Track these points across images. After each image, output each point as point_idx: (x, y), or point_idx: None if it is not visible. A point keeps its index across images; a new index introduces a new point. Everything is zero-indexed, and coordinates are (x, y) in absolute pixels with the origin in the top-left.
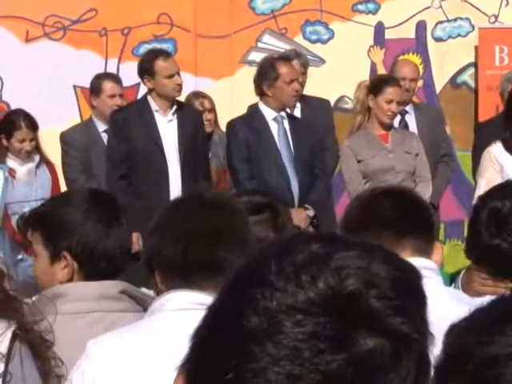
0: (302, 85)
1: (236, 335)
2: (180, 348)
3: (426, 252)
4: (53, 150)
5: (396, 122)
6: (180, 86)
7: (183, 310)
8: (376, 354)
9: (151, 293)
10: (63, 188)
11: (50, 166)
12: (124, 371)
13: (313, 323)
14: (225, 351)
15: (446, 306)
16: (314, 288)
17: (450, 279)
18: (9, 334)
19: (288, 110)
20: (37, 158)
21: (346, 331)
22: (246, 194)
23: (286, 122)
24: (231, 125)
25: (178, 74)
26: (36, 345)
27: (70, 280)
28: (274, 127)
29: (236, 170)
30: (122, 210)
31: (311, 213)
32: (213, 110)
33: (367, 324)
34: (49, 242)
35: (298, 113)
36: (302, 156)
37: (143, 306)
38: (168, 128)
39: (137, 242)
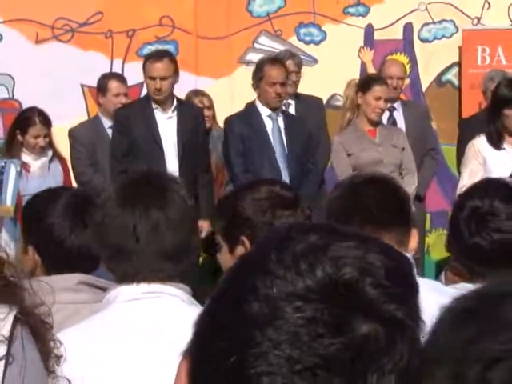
0: (296, 83)
1: (238, 321)
2: (137, 336)
3: (405, 243)
4: (62, 146)
5: (385, 118)
6: (157, 89)
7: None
8: (371, 338)
9: None
10: (74, 181)
11: (62, 161)
12: (87, 363)
13: (311, 309)
14: (227, 336)
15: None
16: (312, 276)
17: (436, 266)
18: (10, 318)
19: (283, 107)
20: (50, 153)
21: (343, 317)
22: (268, 184)
23: (280, 119)
24: (228, 121)
25: (164, 78)
26: (36, 328)
27: (34, 272)
28: (268, 123)
29: (231, 163)
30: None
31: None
32: (211, 107)
33: (363, 310)
34: (24, 233)
35: (292, 110)
36: (295, 152)
37: None
38: (167, 124)
39: None
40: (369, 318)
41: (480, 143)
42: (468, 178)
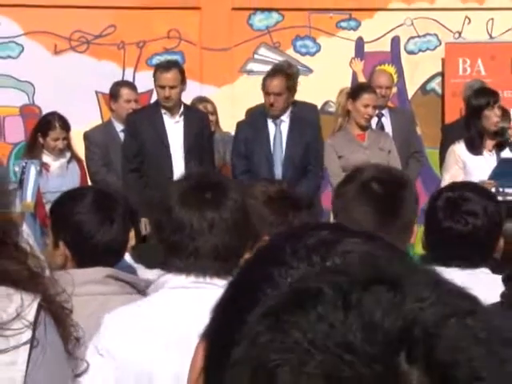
0: (293, 93)
1: (252, 306)
2: (177, 321)
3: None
4: (78, 148)
5: (373, 123)
6: (167, 97)
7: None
8: None
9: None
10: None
11: (80, 162)
12: (132, 342)
13: None
14: (241, 320)
15: None
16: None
17: (421, 258)
18: (34, 305)
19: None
20: (68, 154)
21: None
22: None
23: (284, 124)
24: (237, 126)
25: (173, 87)
26: (57, 314)
27: (64, 266)
28: (271, 128)
29: (233, 165)
30: (120, 210)
31: None
32: (214, 112)
33: None
34: (53, 230)
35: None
36: (293, 156)
37: (136, 288)
38: (175, 128)
39: (145, 227)
40: None
41: (459, 149)
42: (449, 181)
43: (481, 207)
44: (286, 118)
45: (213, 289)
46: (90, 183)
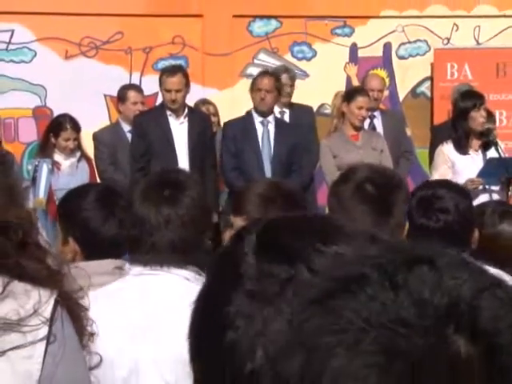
0: (290, 94)
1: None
2: (136, 303)
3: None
4: (87, 147)
5: (366, 125)
6: (173, 100)
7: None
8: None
9: None
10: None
11: (89, 161)
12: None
13: None
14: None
15: None
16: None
17: None
18: (52, 302)
19: (278, 115)
20: (78, 154)
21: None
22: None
23: (271, 126)
24: (225, 125)
25: (178, 90)
26: (73, 309)
27: (74, 260)
28: (259, 128)
29: (223, 161)
30: (123, 204)
31: None
32: (216, 114)
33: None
34: (62, 226)
35: (286, 117)
36: (280, 155)
37: None
38: (180, 129)
39: None
40: None
41: (447, 149)
42: None
43: (453, 204)
44: (271, 120)
45: (169, 275)
46: (98, 181)
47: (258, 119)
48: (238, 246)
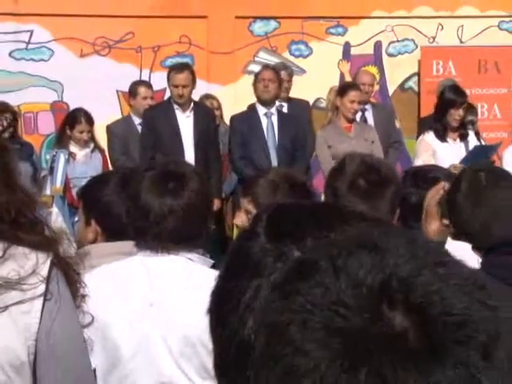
0: (288, 89)
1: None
2: (140, 282)
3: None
4: (101, 139)
5: (358, 117)
6: (180, 95)
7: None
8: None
9: None
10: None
11: (102, 151)
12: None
13: None
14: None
15: None
16: None
17: None
18: (48, 262)
19: (278, 108)
20: (92, 145)
21: None
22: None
23: (274, 117)
24: (231, 119)
25: (185, 86)
26: (67, 272)
27: (95, 240)
28: (264, 120)
29: (232, 152)
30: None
31: None
32: (219, 107)
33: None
34: (84, 210)
35: (284, 111)
36: (284, 144)
37: None
38: (186, 122)
39: None
40: None
41: (429, 138)
42: None
43: None
44: (274, 112)
45: (174, 257)
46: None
47: (262, 111)
48: (253, 226)
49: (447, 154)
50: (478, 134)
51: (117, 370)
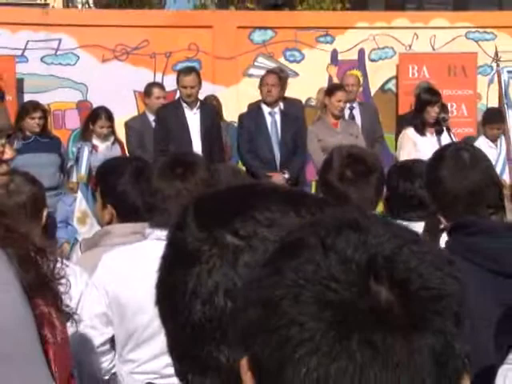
0: (284, 90)
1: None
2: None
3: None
4: (120, 133)
5: (346, 115)
6: (187, 95)
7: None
8: None
9: None
10: None
11: (121, 144)
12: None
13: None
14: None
15: None
16: None
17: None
18: None
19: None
20: (112, 138)
21: None
22: None
23: (277, 116)
24: (240, 117)
25: (193, 87)
26: (26, 260)
27: (111, 221)
28: (268, 119)
29: (240, 146)
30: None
31: (287, 175)
32: (219, 106)
33: None
34: (101, 195)
35: (281, 107)
36: (285, 139)
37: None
38: (193, 119)
39: None
40: None
41: (410, 132)
42: (405, 157)
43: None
44: (277, 111)
45: None
46: None
47: (266, 110)
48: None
49: (426, 146)
50: (449, 130)
51: (133, 338)
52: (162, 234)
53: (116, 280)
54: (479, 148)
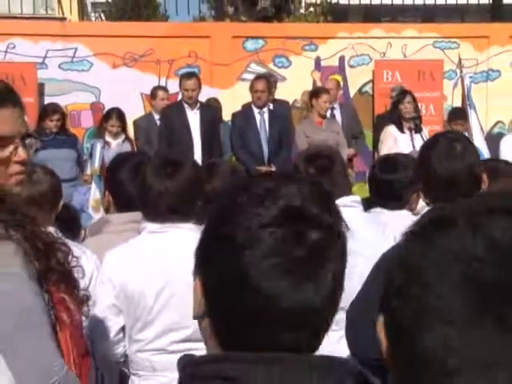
0: (273, 93)
1: (226, 248)
2: (155, 253)
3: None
4: (129, 131)
5: (328, 114)
6: (188, 97)
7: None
8: (320, 240)
9: None
10: None
11: (130, 141)
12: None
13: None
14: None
15: (364, 224)
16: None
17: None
18: None
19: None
20: (123, 135)
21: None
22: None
23: (265, 115)
24: (233, 115)
25: (193, 89)
26: (38, 247)
27: (108, 209)
28: (257, 117)
29: (232, 142)
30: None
31: (273, 168)
32: (220, 108)
33: (311, 223)
34: (104, 184)
35: (271, 108)
36: (273, 136)
37: None
38: (194, 118)
39: None
40: (316, 228)
41: (391, 128)
42: (386, 152)
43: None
44: (266, 110)
45: (177, 229)
46: None
47: (256, 110)
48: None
49: (404, 142)
50: (421, 130)
51: (139, 321)
52: (154, 226)
53: (121, 274)
54: (473, 143)
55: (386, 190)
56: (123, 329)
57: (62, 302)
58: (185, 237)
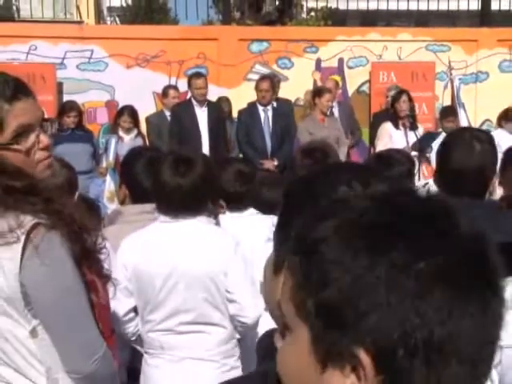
0: (276, 92)
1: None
2: (164, 239)
3: None
4: (141, 127)
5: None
6: (200, 94)
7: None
8: None
9: None
10: None
11: (142, 136)
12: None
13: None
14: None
15: None
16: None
17: None
18: (30, 223)
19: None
20: (136, 131)
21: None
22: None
23: (269, 112)
24: (239, 112)
25: (204, 88)
26: (71, 233)
27: (124, 201)
28: (262, 114)
29: (238, 138)
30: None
31: (276, 162)
32: (230, 106)
33: None
34: (120, 177)
35: (274, 106)
36: (276, 132)
37: None
38: (202, 115)
39: None
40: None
41: (388, 126)
42: (381, 147)
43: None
44: (270, 108)
45: (188, 220)
46: None
47: (260, 108)
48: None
49: (399, 138)
50: (416, 128)
51: (150, 303)
52: (166, 218)
53: (133, 258)
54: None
55: None
56: (135, 310)
57: (92, 282)
58: (195, 227)
